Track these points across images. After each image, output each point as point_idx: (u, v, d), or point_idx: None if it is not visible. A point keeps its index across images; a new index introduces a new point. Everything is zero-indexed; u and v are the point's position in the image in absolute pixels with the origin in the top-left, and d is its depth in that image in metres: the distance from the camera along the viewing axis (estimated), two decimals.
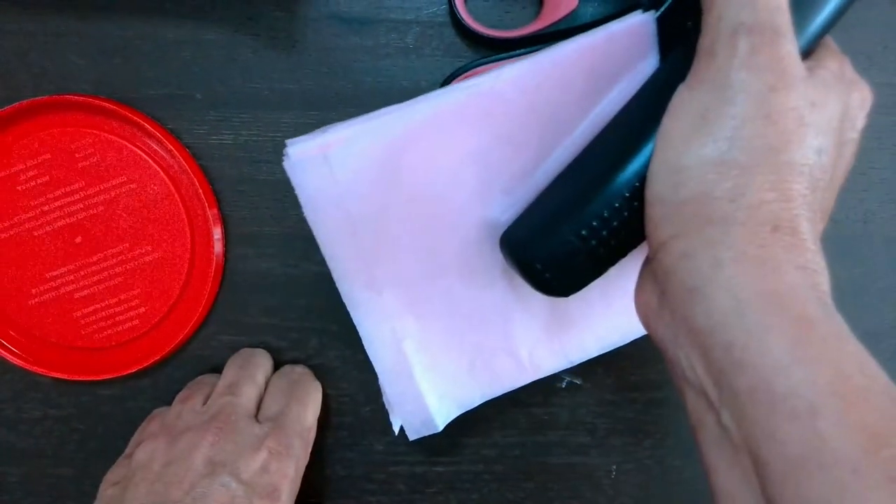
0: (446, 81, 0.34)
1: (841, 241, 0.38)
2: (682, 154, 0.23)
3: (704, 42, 0.24)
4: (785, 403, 0.20)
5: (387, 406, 0.34)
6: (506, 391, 0.35)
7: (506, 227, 0.30)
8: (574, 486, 0.39)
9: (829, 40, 0.26)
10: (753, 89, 0.22)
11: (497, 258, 0.32)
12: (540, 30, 0.33)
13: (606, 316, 0.34)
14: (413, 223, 0.31)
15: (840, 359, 0.20)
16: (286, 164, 0.28)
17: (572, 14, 0.33)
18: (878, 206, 0.38)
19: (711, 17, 0.23)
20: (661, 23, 0.28)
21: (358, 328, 0.32)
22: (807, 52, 0.25)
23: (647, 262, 0.27)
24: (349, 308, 0.32)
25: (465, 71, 0.34)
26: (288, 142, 0.28)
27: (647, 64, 0.29)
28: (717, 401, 0.22)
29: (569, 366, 0.35)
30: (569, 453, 0.39)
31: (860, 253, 0.38)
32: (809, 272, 0.22)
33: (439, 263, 0.32)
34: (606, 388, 0.39)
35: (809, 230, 0.22)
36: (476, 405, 0.35)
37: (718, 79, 0.23)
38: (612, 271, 0.28)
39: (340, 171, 0.29)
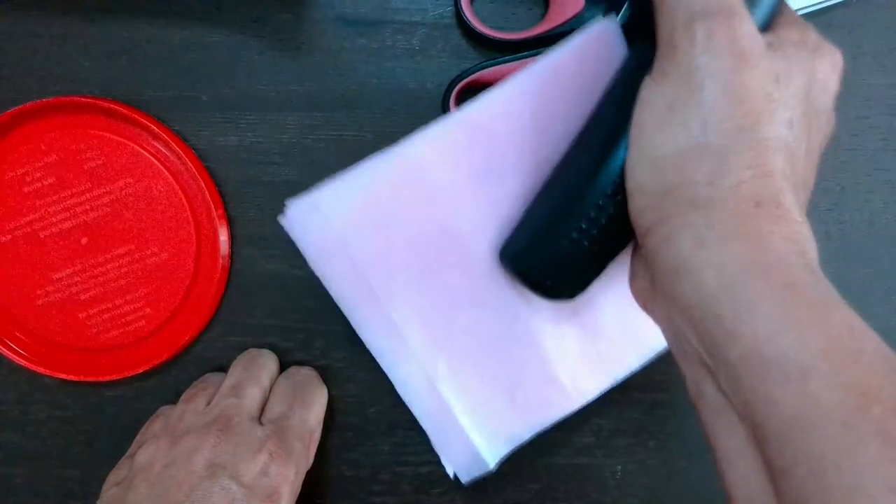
0: (452, 83, 0.34)
1: (846, 242, 0.38)
2: (658, 144, 0.24)
3: (663, 34, 0.24)
4: (777, 368, 0.20)
5: (437, 451, 0.34)
6: (555, 420, 0.34)
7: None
8: (579, 486, 0.39)
9: (787, 9, 0.26)
10: (716, 73, 0.23)
11: (513, 285, 0.31)
12: (546, 31, 0.33)
13: (641, 325, 0.32)
14: (419, 262, 0.30)
15: (829, 322, 0.21)
16: (283, 222, 0.29)
17: (578, 16, 0.33)
18: (884, 207, 0.38)
19: (665, 8, 0.24)
20: (627, 29, 0.29)
21: (388, 375, 0.31)
22: (766, 26, 0.25)
23: (637, 249, 0.28)
24: (375, 357, 0.31)
25: (471, 73, 0.34)
26: (287, 201, 0.29)
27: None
28: (715, 370, 0.23)
29: (613, 384, 0.34)
30: (574, 454, 0.39)
31: (865, 254, 0.38)
32: (795, 241, 0.22)
33: (455, 299, 0.31)
34: (611, 389, 0.39)
35: (793, 202, 0.23)
36: (527, 439, 0.34)
37: (682, 68, 0.23)
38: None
39: (335, 218, 0.29)
